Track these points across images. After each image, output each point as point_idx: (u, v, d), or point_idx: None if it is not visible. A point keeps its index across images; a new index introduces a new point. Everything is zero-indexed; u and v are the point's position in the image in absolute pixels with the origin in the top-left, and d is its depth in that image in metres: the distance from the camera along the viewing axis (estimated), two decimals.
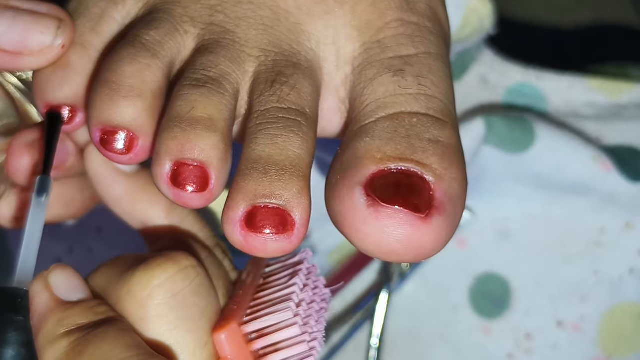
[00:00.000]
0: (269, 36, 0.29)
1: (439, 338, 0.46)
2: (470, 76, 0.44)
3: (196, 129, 0.26)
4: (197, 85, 0.27)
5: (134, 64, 0.28)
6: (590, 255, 0.44)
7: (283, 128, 0.27)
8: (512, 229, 0.45)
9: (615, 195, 0.43)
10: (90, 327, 0.26)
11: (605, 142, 0.44)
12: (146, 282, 0.27)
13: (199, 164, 0.26)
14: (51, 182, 0.28)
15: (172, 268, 0.27)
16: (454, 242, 0.46)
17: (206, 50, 0.28)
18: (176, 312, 0.27)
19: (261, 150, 0.26)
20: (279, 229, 0.25)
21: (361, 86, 0.28)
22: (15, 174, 0.31)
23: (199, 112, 0.27)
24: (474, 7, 0.39)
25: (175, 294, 0.27)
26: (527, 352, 0.45)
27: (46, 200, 0.28)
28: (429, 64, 0.28)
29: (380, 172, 0.25)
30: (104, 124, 0.27)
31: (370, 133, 0.26)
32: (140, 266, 0.27)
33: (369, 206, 0.25)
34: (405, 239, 0.24)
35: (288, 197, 0.25)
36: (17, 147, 0.31)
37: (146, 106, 0.27)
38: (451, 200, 0.25)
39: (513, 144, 0.43)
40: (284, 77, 0.28)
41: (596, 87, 0.44)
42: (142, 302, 0.27)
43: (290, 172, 0.26)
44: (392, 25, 0.29)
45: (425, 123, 0.26)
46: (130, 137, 0.27)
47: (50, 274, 0.27)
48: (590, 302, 0.44)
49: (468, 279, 0.46)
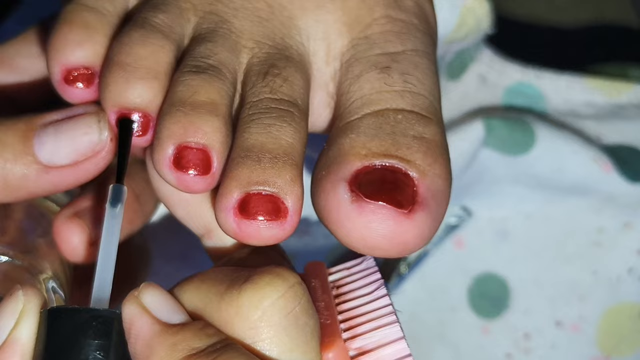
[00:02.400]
0: (263, 28, 0.29)
1: (438, 338, 0.46)
2: (469, 75, 0.44)
3: (199, 113, 0.26)
4: (197, 71, 0.27)
5: (147, 46, 0.28)
6: (589, 255, 0.44)
7: (276, 118, 0.27)
8: (510, 229, 0.45)
9: (614, 196, 0.43)
10: (211, 351, 0.24)
11: (605, 141, 0.44)
12: (257, 303, 0.24)
13: (201, 147, 0.26)
14: (125, 191, 0.27)
15: (282, 286, 0.25)
16: (452, 243, 0.46)
17: (205, 39, 0.28)
18: (289, 333, 0.24)
19: (254, 138, 0.26)
20: (272, 216, 0.25)
21: (348, 82, 0.28)
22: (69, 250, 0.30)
23: (201, 96, 0.27)
24: (471, 6, 0.39)
25: (288, 313, 0.24)
26: (525, 352, 0.45)
27: (121, 210, 0.27)
28: (415, 61, 0.28)
29: (364, 168, 0.25)
30: (120, 107, 0.27)
31: (355, 129, 0.27)
32: (247, 284, 0.24)
33: (352, 202, 0.25)
34: (389, 234, 0.25)
35: (281, 185, 0.26)
36: (62, 223, 0.30)
37: (162, 88, 0.27)
38: (434, 196, 0.26)
39: (513, 146, 0.43)
40: (276, 69, 0.28)
41: (595, 87, 0.44)
42: (255, 324, 0.24)
43: (283, 160, 0.26)
44: (380, 21, 0.29)
45: (410, 120, 0.27)
46: (146, 118, 0.27)
47: (143, 295, 0.25)
48: (589, 302, 0.44)
49: (466, 279, 0.46)
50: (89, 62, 0.29)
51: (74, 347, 0.24)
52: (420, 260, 0.46)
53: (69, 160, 0.28)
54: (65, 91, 0.29)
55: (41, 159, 0.28)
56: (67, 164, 0.28)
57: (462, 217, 0.46)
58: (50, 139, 0.28)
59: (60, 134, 0.28)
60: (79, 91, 0.29)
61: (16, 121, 0.28)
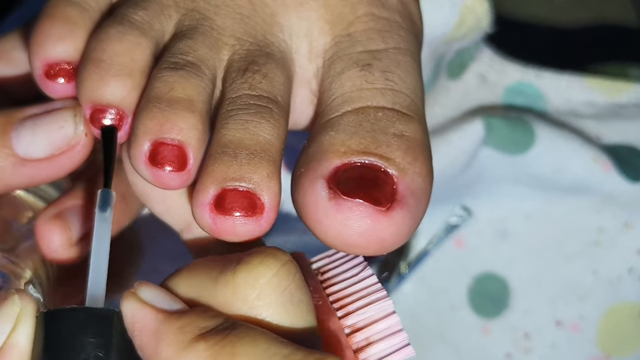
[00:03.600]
0: (244, 25, 0.29)
1: (438, 338, 0.46)
2: (469, 75, 0.44)
3: (175, 109, 0.26)
4: (175, 68, 0.27)
5: (123, 42, 0.28)
6: (589, 255, 0.44)
7: (254, 114, 0.27)
8: (510, 228, 0.45)
9: (614, 195, 0.43)
10: (221, 328, 0.24)
11: (605, 140, 0.44)
12: (253, 282, 0.24)
13: (177, 143, 0.26)
14: (114, 195, 0.27)
15: (274, 264, 0.25)
16: (452, 242, 0.46)
17: (184, 36, 0.28)
18: (287, 310, 0.25)
19: (232, 134, 0.26)
20: (248, 212, 0.25)
21: (329, 80, 0.28)
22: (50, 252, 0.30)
23: (177, 92, 0.27)
24: (471, 5, 0.39)
25: (283, 290, 0.25)
26: (525, 351, 0.45)
27: (110, 214, 0.27)
28: (397, 59, 0.28)
29: (344, 165, 0.25)
30: (94, 102, 0.27)
31: (335, 127, 0.27)
32: (240, 265, 0.24)
33: (330, 199, 0.25)
34: (366, 231, 0.25)
35: (257, 181, 0.26)
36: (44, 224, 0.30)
37: (136, 85, 0.27)
38: (413, 194, 0.26)
39: (513, 145, 0.43)
40: (256, 65, 0.28)
41: (595, 87, 0.44)
42: (253, 304, 0.24)
43: (260, 157, 0.26)
44: (362, 19, 0.29)
45: (391, 117, 0.27)
46: (120, 115, 0.27)
47: (140, 291, 0.25)
48: (589, 302, 0.44)
49: (467, 278, 0.46)
50: (70, 57, 0.29)
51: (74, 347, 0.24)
52: (420, 260, 0.46)
53: (45, 153, 0.28)
54: (46, 86, 0.29)
55: (18, 151, 0.28)
56: (43, 157, 0.28)
57: (462, 216, 0.46)
58: (28, 133, 0.28)
59: (37, 127, 0.28)
60: (60, 86, 0.29)
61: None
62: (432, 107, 0.44)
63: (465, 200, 0.45)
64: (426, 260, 0.46)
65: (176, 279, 0.26)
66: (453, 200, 0.46)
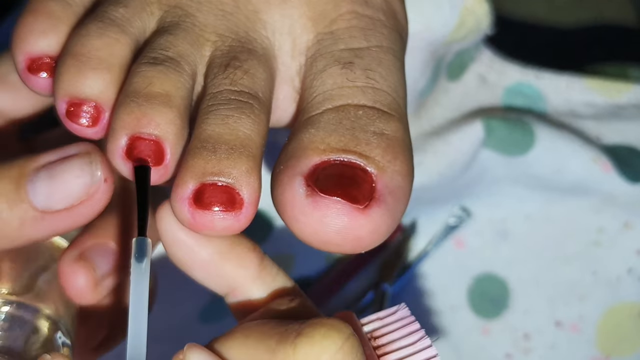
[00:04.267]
0: (227, 22, 0.29)
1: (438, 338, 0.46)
2: (469, 76, 0.44)
3: (153, 104, 0.26)
4: (154, 63, 0.27)
5: (102, 38, 0.28)
6: (589, 256, 0.44)
7: (235, 109, 0.27)
8: (510, 229, 0.45)
9: (614, 196, 0.43)
10: None
11: (605, 141, 0.44)
12: (316, 357, 0.23)
13: (154, 138, 0.26)
14: (150, 244, 0.26)
15: (339, 339, 0.24)
16: (452, 243, 0.46)
17: (166, 32, 0.28)
18: None
19: (212, 129, 0.26)
20: (226, 207, 0.25)
21: (311, 77, 0.28)
22: (77, 296, 0.29)
23: (155, 87, 0.27)
24: (471, 7, 0.39)
25: None
26: (525, 352, 0.45)
27: (147, 264, 0.26)
28: (379, 57, 0.28)
29: (323, 163, 0.25)
30: (70, 96, 0.27)
31: (315, 124, 0.27)
32: (301, 338, 0.24)
33: (307, 196, 0.25)
34: (343, 229, 0.25)
35: (236, 176, 0.25)
36: (67, 267, 0.29)
37: (114, 80, 0.27)
38: (392, 192, 0.25)
39: (513, 147, 0.43)
40: (237, 61, 0.28)
41: (594, 87, 0.44)
42: None
43: (239, 152, 0.26)
44: (345, 17, 0.29)
45: (371, 116, 0.27)
46: (97, 110, 0.27)
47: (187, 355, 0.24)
48: (589, 302, 0.44)
49: (466, 279, 0.46)
50: (52, 52, 0.28)
51: None
52: (420, 261, 0.46)
53: (64, 205, 0.27)
54: (29, 80, 0.29)
55: (36, 205, 0.27)
56: (62, 209, 0.27)
57: (462, 217, 0.46)
58: (44, 184, 0.27)
59: (53, 178, 0.27)
60: (43, 80, 0.29)
61: (9, 167, 0.27)
62: (432, 108, 0.44)
63: (465, 201, 0.45)
64: (426, 261, 0.46)
65: (229, 342, 0.25)
66: (453, 201, 0.46)
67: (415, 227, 0.46)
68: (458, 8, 0.38)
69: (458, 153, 0.42)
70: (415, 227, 0.46)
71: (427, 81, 0.42)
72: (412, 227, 0.46)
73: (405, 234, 0.46)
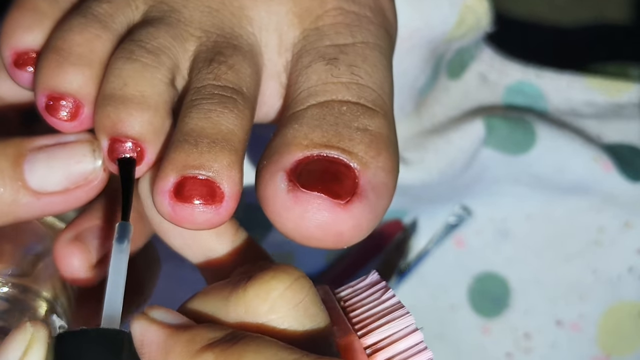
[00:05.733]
0: (212, 18, 0.29)
1: (438, 337, 0.46)
2: (470, 74, 0.44)
3: (127, 107, 0.26)
4: (130, 58, 0.27)
5: (84, 34, 0.28)
6: (589, 255, 0.44)
7: (218, 104, 0.27)
8: (511, 228, 0.45)
9: (614, 195, 0.43)
10: (229, 338, 0.23)
11: (605, 140, 0.44)
12: (265, 295, 0.24)
13: (133, 140, 0.26)
14: (131, 228, 0.27)
15: (287, 278, 0.24)
16: (452, 242, 0.46)
17: (148, 24, 0.29)
18: (301, 323, 0.24)
19: (194, 123, 0.26)
20: (207, 200, 0.25)
21: (296, 73, 0.28)
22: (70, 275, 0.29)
23: (130, 89, 0.27)
24: (470, 5, 0.39)
25: (297, 304, 0.24)
26: (526, 351, 0.45)
27: (127, 246, 0.27)
28: (365, 53, 0.28)
29: (305, 158, 0.25)
30: (50, 90, 0.27)
31: (299, 120, 0.27)
32: (251, 282, 0.24)
33: (289, 191, 0.25)
34: (324, 224, 0.25)
35: (217, 169, 0.25)
36: (62, 248, 0.29)
37: (94, 75, 0.28)
38: (375, 188, 0.25)
39: (513, 146, 0.43)
40: (222, 56, 0.28)
41: (595, 87, 0.44)
42: (266, 317, 0.24)
43: (221, 145, 0.26)
44: (331, 13, 0.29)
45: (355, 112, 0.27)
46: (76, 104, 0.27)
47: (149, 312, 0.25)
48: (589, 301, 0.44)
49: (467, 278, 0.46)
50: (38, 47, 0.29)
51: None
52: (420, 260, 0.46)
53: (61, 187, 0.28)
54: (15, 75, 0.29)
55: (32, 185, 0.27)
56: (57, 191, 0.28)
57: (463, 216, 0.46)
58: (42, 165, 0.27)
59: (53, 160, 0.28)
60: (29, 74, 0.29)
61: (4, 145, 0.28)
62: (432, 106, 0.44)
63: (465, 200, 0.45)
64: (426, 260, 0.46)
65: (189, 303, 0.26)
66: (453, 200, 0.46)
67: (416, 226, 0.46)
68: (457, 6, 0.38)
69: (459, 151, 0.42)
70: (415, 226, 0.46)
71: (427, 79, 0.42)
72: (413, 226, 0.46)
73: (405, 233, 0.46)
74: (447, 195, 0.45)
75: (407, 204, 0.45)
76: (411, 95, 0.41)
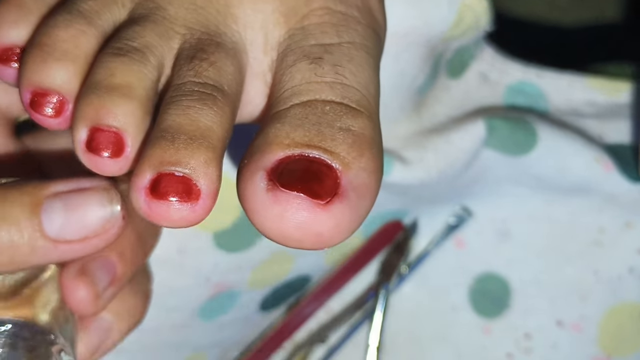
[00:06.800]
0: (197, 15, 0.29)
1: (439, 338, 0.46)
2: (470, 74, 0.44)
3: (112, 96, 0.26)
4: (118, 54, 0.27)
5: (69, 30, 0.28)
6: (590, 255, 0.44)
7: (197, 100, 0.27)
8: (511, 229, 0.45)
9: (615, 196, 0.43)
10: None
11: (607, 140, 0.44)
12: None
13: (114, 130, 0.26)
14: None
15: None
16: (453, 242, 0.46)
17: (134, 23, 0.28)
18: None
19: (172, 119, 0.26)
20: (183, 197, 0.25)
21: (281, 72, 0.28)
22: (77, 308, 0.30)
23: (116, 79, 0.27)
24: (469, 3, 0.39)
25: None
26: (526, 351, 0.45)
27: None
28: (350, 53, 0.28)
29: (287, 157, 0.25)
30: (34, 86, 0.27)
31: (282, 119, 0.26)
32: None
33: (268, 190, 0.25)
34: (303, 224, 0.24)
35: (194, 166, 0.25)
36: (69, 281, 0.30)
37: (78, 71, 0.27)
38: (356, 189, 0.25)
39: (515, 146, 0.43)
40: (204, 54, 0.28)
41: (595, 87, 0.44)
42: None
43: (199, 142, 0.26)
44: (317, 12, 0.29)
45: (338, 112, 0.26)
46: (61, 100, 0.27)
47: None
48: (590, 302, 0.44)
49: (467, 279, 0.46)
50: (22, 42, 0.29)
51: None
52: (421, 261, 0.46)
53: (79, 236, 0.28)
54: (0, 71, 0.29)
55: (50, 234, 0.27)
56: (76, 240, 0.28)
57: (463, 217, 0.46)
58: (59, 214, 0.27)
59: (70, 209, 0.28)
60: (13, 70, 0.29)
61: (20, 192, 0.28)
62: (433, 105, 0.44)
63: (466, 200, 0.45)
64: (427, 261, 0.46)
65: None
66: (454, 200, 0.45)
67: (416, 227, 0.46)
68: (456, 4, 0.38)
69: (459, 152, 0.42)
70: (416, 226, 0.46)
71: (426, 78, 0.41)
72: (413, 227, 0.46)
73: (406, 233, 0.46)
74: (447, 196, 0.45)
75: (408, 205, 0.45)
76: (410, 94, 0.41)
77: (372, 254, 0.46)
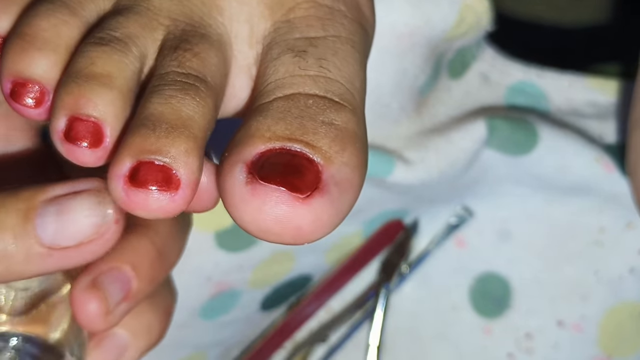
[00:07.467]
0: (182, 7, 0.29)
1: (439, 338, 0.46)
2: (471, 74, 0.44)
3: (92, 85, 0.26)
4: (100, 43, 0.27)
5: (50, 19, 0.27)
6: (591, 255, 0.44)
7: (179, 90, 0.26)
8: (512, 228, 0.45)
9: (616, 196, 0.43)
10: None
11: (607, 140, 0.44)
12: None
13: (93, 119, 0.26)
14: None
15: None
16: (453, 242, 0.46)
17: (118, 13, 0.28)
18: None
19: (153, 108, 0.26)
20: (162, 186, 0.25)
21: (265, 65, 0.28)
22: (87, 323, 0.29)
23: (97, 68, 0.26)
24: (470, 3, 0.39)
25: None
26: (527, 351, 0.45)
27: None
28: (335, 47, 0.28)
29: (268, 151, 0.25)
30: (15, 76, 0.27)
31: (264, 112, 0.26)
32: None
33: (247, 183, 0.24)
34: (281, 218, 0.24)
35: (174, 155, 0.25)
36: (79, 295, 0.29)
37: (59, 61, 0.27)
38: (338, 183, 0.25)
39: (515, 146, 0.43)
40: (188, 44, 0.28)
41: (596, 87, 0.44)
42: None
43: (179, 131, 0.25)
44: (303, 5, 0.29)
45: (321, 105, 0.26)
46: (41, 90, 0.27)
47: None
48: (591, 302, 0.44)
49: (468, 278, 0.46)
50: (5, 33, 0.28)
51: None
52: (421, 260, 0.46)
53: (73, 242, 0.27)
54: None
55: (44, 241, 0.27)
56: (71, 246, 0.27)
57: (464, 216, 0.46)
58: (53, 220, 0.27)
59: (62, 214, 0.27)
60: None
61: (15, 198, 0.27)
62: (434, 106, 0.44)
63: (466, 200, 0.45)
64: (427, 260, 0.46)
65: None
66: (455, 200, 0.45)
67: (417, 227, 0.46)
68: (457, 4, 0.38)
69: (460, 152, 0.42)
70: (416, 226, 0.46)
71: (427, 78, 0.41)
72: (414, 227, 0.46)
73: (406, 233, 0.46)
74: (448, 196, 0.45)
75: (408, 204, 0.45)
76: (411, 94, 0.41)
77: (372, 254, 0.46)
